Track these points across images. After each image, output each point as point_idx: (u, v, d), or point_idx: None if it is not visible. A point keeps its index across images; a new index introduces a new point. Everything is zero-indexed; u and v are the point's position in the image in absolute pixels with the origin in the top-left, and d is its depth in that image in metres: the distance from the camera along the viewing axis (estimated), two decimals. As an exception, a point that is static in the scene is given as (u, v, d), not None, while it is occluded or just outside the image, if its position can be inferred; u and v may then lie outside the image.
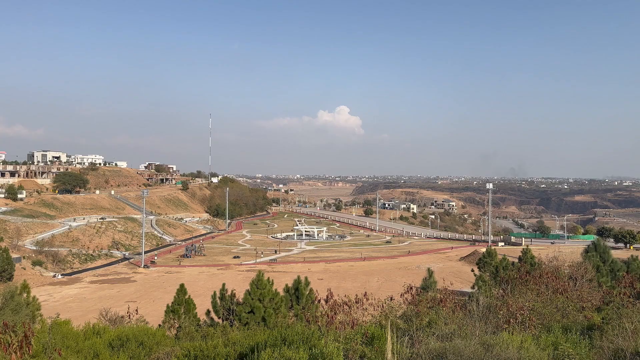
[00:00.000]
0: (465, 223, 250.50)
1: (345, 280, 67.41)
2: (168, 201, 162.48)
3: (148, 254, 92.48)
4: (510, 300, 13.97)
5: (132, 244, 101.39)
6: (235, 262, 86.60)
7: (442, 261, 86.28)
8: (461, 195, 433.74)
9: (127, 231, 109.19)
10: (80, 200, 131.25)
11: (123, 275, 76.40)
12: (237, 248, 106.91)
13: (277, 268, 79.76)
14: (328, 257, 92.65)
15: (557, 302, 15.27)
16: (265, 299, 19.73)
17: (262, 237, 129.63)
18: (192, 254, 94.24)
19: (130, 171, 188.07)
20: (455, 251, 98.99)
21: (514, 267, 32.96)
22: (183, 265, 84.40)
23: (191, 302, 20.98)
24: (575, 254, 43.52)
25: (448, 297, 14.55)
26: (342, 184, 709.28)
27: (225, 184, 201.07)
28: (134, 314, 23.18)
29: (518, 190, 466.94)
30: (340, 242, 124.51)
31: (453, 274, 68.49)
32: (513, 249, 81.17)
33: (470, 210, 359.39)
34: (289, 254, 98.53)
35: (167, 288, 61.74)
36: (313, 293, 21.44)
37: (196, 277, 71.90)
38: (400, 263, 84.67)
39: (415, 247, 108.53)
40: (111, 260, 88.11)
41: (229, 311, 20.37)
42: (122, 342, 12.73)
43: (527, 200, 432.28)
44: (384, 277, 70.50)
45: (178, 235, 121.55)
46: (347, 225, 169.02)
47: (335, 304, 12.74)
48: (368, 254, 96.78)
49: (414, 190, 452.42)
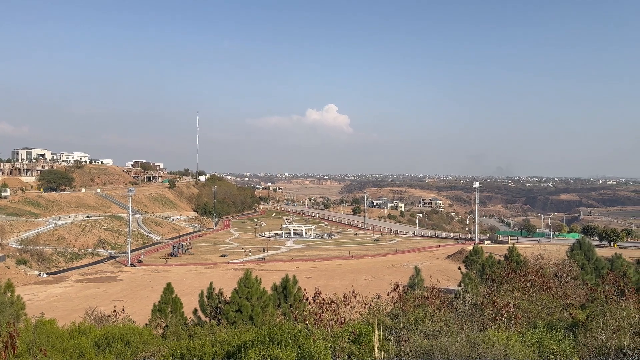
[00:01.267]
0: (452, 221, 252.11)
1: (333, 279, 67.48)
2: (155, 199, 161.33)
3: (134, 253, 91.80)
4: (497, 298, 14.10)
5: (118, 242, 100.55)
6: (223, 261, 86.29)
7: (429, 259, 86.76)
8: (448, 193, 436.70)
9: (113, 230, 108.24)
10: (66, 199, 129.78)
11: (109, 274, 75.73)
12: (225, 246, 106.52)
13: (265, 266, 79.59)
14: (316, 256, 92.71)
15: (542, 299, 15.45)
16: (253, 298, 19.70)
17: (250, 236, 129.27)
18: (179, 253, 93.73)
19: (116, 169, 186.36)
20: (442, 249, 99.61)
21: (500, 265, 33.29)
22: (170, 264, 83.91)
23: (178, 301, 20.87)
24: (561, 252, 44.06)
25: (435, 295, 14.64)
26: (331, 182, 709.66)
27: (213, 182, 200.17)
28: (120, 313, 23.00)
29: (504, 189, 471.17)
30: (328, 240, 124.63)
31: (440, 272, 68.89)
32: (499, 247, 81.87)
33: (458, 208, 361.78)
34: (277, 253, 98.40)
35: (153, 287, 61.32)
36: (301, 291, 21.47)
37: (183, 276, 71.50)
38: (388, 261, 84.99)
39: (402, 246, 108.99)
40: (97, 259, 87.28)
41: (216, 310, 20.31)
42: (108, 342, 12.62)
43: (513, 199, 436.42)
44: (371, 275, 70.72)
45: (165, 234, 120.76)
46: (336, 223, 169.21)
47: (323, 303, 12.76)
48: (356, 252, 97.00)
49: (401, 189, 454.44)
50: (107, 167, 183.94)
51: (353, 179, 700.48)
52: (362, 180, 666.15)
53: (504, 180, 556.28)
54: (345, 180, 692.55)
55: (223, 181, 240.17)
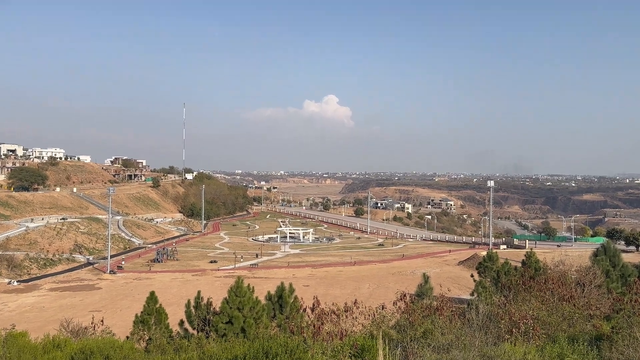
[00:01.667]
0: (464, 224, 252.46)
1: (333, 287, 67.51)
2: (137, 200, 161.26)
3: (114, 259, 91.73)
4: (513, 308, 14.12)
5: (97, 247, 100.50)
6: (212, 267, 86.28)
7: (439, 266, 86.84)
8: (460, 193, 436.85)
9: (91, 233, 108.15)
10: (39, 199, 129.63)
11: (87, 282, 75.70)
12: (214, 252, 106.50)
13: (259, 274, 79.57)
14: (315, 262, 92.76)
15: (563, 310, 15.46)
16: (245, 308, 19.70)
17: (241, 240, 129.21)
18: (163, 259, 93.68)
19: (94, 166, 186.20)
20: (453, 255, 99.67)
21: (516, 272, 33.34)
22: (154, 271, 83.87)
23: (163, 311, 20.87)
24: (583, 258, 44.10)
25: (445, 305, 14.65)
26: (331, 181, 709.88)
27: (201, 181, 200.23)
28: (99, 325, 22.99)
29: (522, 188, 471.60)
30: (328, 245, 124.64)
31: (451, 279, 68.96)
32: (516, 253, 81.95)
33: (470, 210, 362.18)
34: (272, 258, 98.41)
35: (135, 296, 61.33)
36: (298, 301, 21.48)
37: (168, 284, 71.47)
38: (394, 268, 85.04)
39: (409, 251, 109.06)
40: (73, 266, 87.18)
41: (204, 321, 20.31)
42: (86, 356, 12.62)
43: (531, 200, 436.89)
44: (375, 283, 70.78)
45: (148, 238, 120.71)
46: (336, 226, 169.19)
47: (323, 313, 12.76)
48: (358, 258, 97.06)
49: (409, 188, 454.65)
50: (85, 164, 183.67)
51: (355, 178, 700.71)
52: (365, 178, 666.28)
53: (521, 178, 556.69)
54: (346, 179, 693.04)
55: (212, 180, 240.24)
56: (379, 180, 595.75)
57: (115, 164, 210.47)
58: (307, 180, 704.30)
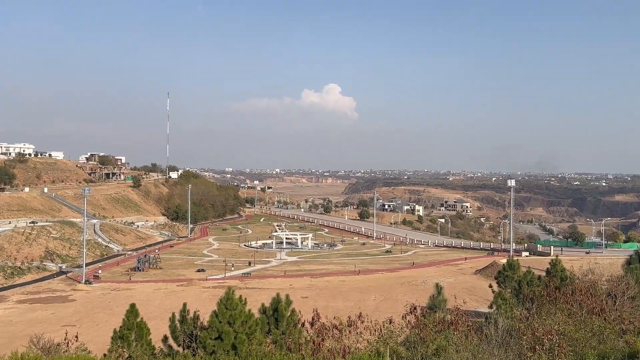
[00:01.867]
0: (481, 228, 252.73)
1: (335, 299, 67.57)
2: (115, 201, 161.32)
3: (90, 267, 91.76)
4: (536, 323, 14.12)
5: (71, 254, 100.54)
6: (200, 277, 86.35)
7: (453, 275, 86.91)
8: (477, 194, 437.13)
9: (64, 238, 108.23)
10: (5, 200, 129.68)
11: (59, 293, 75.75)
12: (202, 259, 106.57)
13: (252, 284, 79.65)
14: (314, 271, 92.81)
15: (592, 324, 15.46)
16: (236, 322, 19.70)
17: (232, 246, 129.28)
18: (145, 267, 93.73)
19: (68, 164, 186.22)
20: (469, 262, 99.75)
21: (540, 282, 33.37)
22: (134, 281, 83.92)
23: (144, 326, 20.86)
24: (615, 266, 44.13)
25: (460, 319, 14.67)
26: (332, 180, 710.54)
27: (187, 180, 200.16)
28: (73, 341, 22.98)
29: (546, 188, 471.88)
30: (329, 251, 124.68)
31: (467, 290, 68.99)
32: (540, 260, 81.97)
33: (488, 212, 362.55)
34: (266, 267, 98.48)
35: (114, 309, 61.35)
36: (296, 314, 21.47)
37: (151, 296, 71.52)
38: (403, 277, 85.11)
39: (420, 258, 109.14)
40: (44, 275, 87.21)
41: (191, 337, 20.31)
42: (58, 376, 12.63)
43: (557, 201, 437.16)
44: (382, 294, 70.83)
45: (128, 244, 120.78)
46: (338, 231, 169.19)
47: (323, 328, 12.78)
48: (363, 266, 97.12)
49: (419, 189, 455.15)
50: (57, 161, 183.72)
51: (359, 177, 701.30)
52: (370, 177, 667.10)
53: (546, 177, 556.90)
54: (349, 178, 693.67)
55: (199, 179, 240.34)
56: (386, 179, 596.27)
57: (91, 161, 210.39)
58: (305, 179, 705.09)
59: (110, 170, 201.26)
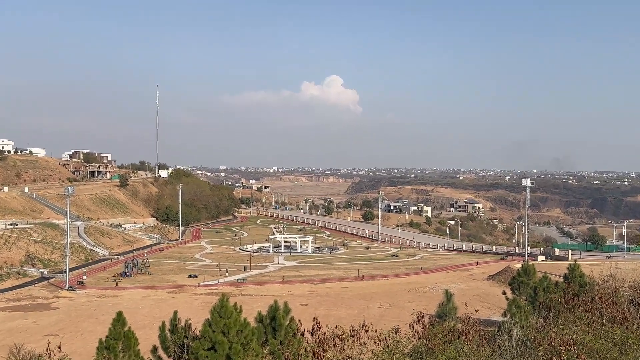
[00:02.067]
0: (494, 231, 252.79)
1: (337, 307, 67.56)
2: (101, 202, 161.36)
3: (74, 272, 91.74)
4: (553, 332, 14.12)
5: (53, 258, 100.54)
6: (191, 283, 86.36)
7: (464, 281, 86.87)
8: (490, 194, 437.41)
9: (46, 242, 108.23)
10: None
11: (41, 301, 75.74)
12: (194, 264, 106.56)
13: (247, 290, 79.62)
14: (315, 276, 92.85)
15: (613, 334, 15.46)
16: (230, 332, 19.72)
17: (227, 250, 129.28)
18: (133, 272, 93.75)
19: (50, 161, 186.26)
20: (481, 267, 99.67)
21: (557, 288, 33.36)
22: (121, 287, 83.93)
23: (132, 335, 20.89)
24: (638, 272, 44.12)
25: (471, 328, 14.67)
26: (334, 179, 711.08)
27: (178, 179, 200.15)
28: (56, 352, 23.02)
29: (564, 188, 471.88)
30: (330, 255, 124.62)
31: (478, 297, 68.97)
32: (557, 265, 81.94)
33: (502, 214, 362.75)
34: (263, 272, 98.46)
35: (99, 317, 61.31)
36: (295, 323, 21.49)
37: (139, 303, 71.51)
38: (410, 283, 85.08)
39: (429, 263, 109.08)
40: (25, 281, 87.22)
41: (182, 348, 20.33)
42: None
43: (575, 201, 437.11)
44: (388, 302, 70.82)
45: (114, 248, 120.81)
46: (340, 233, 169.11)
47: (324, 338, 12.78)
48: (367, 271, 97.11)
49: (427, 188, 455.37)
50: (38, 159, 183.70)
51: (363, 175, 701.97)
52: (375, 176, 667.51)
53: (563, 176, 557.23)
54: (352, 177, 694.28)
55: (191, 177, 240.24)
56: (391, 178, 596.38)
57: (74, 158, 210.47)
58: (305, 178, 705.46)
59: (95, 168, 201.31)
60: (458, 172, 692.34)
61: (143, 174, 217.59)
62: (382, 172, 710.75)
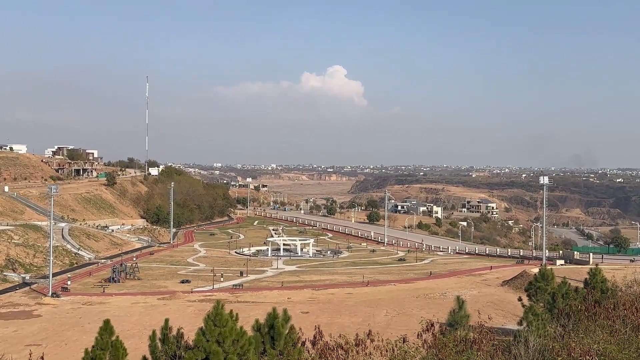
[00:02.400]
0: (510, 233, 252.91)
1: (340, 314, 67.60)
2: (87, 202, 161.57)
3: (58, 278, 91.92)
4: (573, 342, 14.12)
5: (35, 262, 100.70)
6: (184, 289, 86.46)
7: (476, 286, 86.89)
8: (504, 193, 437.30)
9: (28, 245, 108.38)
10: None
11: (22, 308, 75.85)
12: (187, 269, 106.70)
13: (244, 297, 79.72)
14: (316, 282, 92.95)
15: (638, 343, 15.46)
16: (226, 341, 19.74)
17: (222, 254, 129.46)
18: (121, 278, 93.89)
19: (31, 158, 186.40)
20: (495, 272, 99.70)
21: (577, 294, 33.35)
22: (109, 294, 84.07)
23: (120, 345, 20.91)
24: (664, 276, 44.05)
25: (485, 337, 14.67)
26: (337, 177, 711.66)
27: (170, 177, 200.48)
28: (38, 363, 23.10)
29: (585, 186, 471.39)
30: (333, 259, 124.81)
31: (492, 304, 68.99)
32: (577, 270, 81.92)
33: (518, 214, 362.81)
34: (261, 277, 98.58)
35: (85, 326, 61.46)
36: (295, 332, 21.49)
37: (128, 310, 71.61)
38: (419, 289, 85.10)
39: (439, 267, 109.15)
40: (5, 287, 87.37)
41: (174, 358, 20.36)
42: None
43: (597, 201, 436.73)
44: (395, 309, 70.85)
45: (101, 251, 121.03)
46: (344, 235, 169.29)
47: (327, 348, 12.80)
48: (373, 276, 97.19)
49: (437, 187, 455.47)
50: (19, 155, 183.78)
51: (368, 173, 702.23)
52: (381, 174, 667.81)
53: (584, 174, 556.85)
54: (357, 175, 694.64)
55: (184, 176, 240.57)
56: (399, 176, 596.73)
57: (58, 155, 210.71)
58: (306, 176, 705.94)
59: (80, 165, 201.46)
60: (470, 169, 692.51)
61: (132, 172, 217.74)
62: (388, 170, 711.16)
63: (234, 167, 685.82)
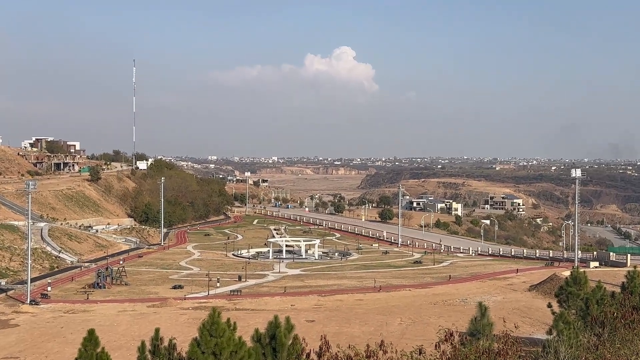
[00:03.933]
0: (538, 232, 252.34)
1: (349, 323, 67.64)
2: (68, 199, 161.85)
3: (37, 283, 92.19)
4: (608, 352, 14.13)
5: (12, 267, 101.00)
6: (176, 295, 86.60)
7: (501, 292, 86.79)
8: (532, 188, 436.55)
9: (4, 247, 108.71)
10: None
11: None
12: (179, 273, 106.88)
13: (243, 304, 79.79)
14: (323, 287, 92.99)
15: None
16: (223, 353, 19.81)
17: (218, 256, 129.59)
18: (107, 283, 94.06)
19: (7, 151, 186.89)
20: (522, 276, 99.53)
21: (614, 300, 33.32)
22: (93, 301, 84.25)
23: (106, 358, 21.01)
24: None
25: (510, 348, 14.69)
26: (345, 170, 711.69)
27: (160, 171, 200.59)
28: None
29: (621, 180, 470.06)
30: (341, 262, 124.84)
31: (519, 311, 68.90)
32: (613, 273, 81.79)
33: (547, 211, 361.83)
34: (261, 282, 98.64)
35: (67, 336, 61.56)
36: (299, 343, 21.55)
37: (114, 319, 71.76)
38: (436, 295, 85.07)
39: (459, 270, 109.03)
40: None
41: (166, 372, 20.44)
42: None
43: (635, 196, 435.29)
44: (410, 317, 70.86)
45: (85, 253, 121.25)
46: (353, 235, 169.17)
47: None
48: (386, 281, 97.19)
49: (457, 181, 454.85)
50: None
51: (380, 166, 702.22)
52: (394, 167, 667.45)
53: (621, 166, 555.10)
54: (367, 168, 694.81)
55: (175, 170, 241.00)
56: (414, 169, 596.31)
57: (36, 147, 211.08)
58: (311, 170, 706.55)
59: (61, 159, 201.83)
60: (494, 161, 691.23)
61: (118, 166, 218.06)
62: (402, 163, 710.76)
63: (230, 160, 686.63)
